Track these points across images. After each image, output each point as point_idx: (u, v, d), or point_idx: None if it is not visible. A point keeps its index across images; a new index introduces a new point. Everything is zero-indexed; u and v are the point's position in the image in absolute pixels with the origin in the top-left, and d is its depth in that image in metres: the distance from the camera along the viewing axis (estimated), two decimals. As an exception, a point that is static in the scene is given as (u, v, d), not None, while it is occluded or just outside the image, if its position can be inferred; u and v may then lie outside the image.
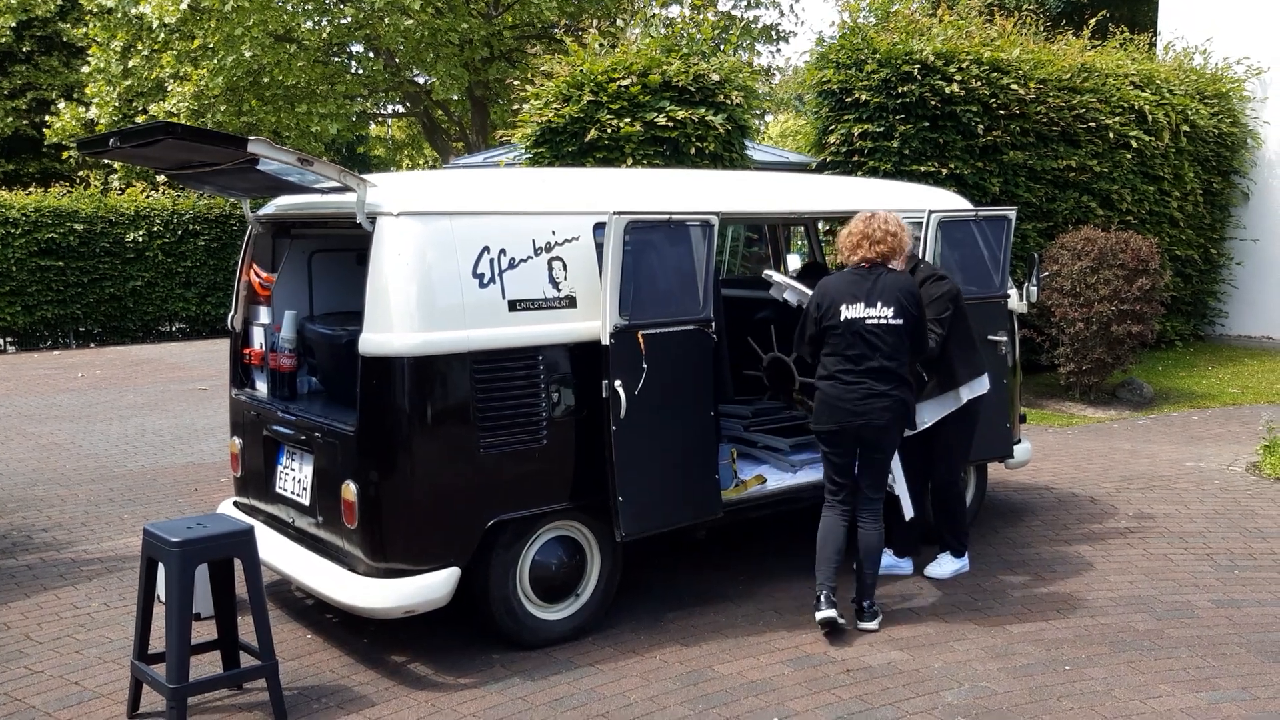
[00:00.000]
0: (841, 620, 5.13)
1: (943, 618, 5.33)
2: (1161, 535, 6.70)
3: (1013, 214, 6.33)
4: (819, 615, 5.09)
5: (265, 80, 20.68)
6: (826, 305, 5.14)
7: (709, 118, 10.09)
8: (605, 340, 4.83)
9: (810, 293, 5.35)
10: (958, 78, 10.97)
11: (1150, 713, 4.33)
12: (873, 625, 5.20)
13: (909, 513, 5.70)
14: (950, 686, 4.58)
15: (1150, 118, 12.79)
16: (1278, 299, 14.57)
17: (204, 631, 4.80)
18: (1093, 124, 12.25)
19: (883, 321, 5.05)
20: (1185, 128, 13.30)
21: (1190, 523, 6.96)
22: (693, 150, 10.04)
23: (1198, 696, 4.47)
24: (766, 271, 6.02)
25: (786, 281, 5.92)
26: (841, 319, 5.08)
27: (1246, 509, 7.26)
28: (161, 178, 17.61)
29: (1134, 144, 12.58)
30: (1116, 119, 12.46)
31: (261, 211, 5.73)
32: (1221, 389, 11.95)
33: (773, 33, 24.66)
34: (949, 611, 5.43)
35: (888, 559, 5.80)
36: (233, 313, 5.87)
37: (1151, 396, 11.31)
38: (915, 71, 10.89)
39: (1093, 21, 14.22)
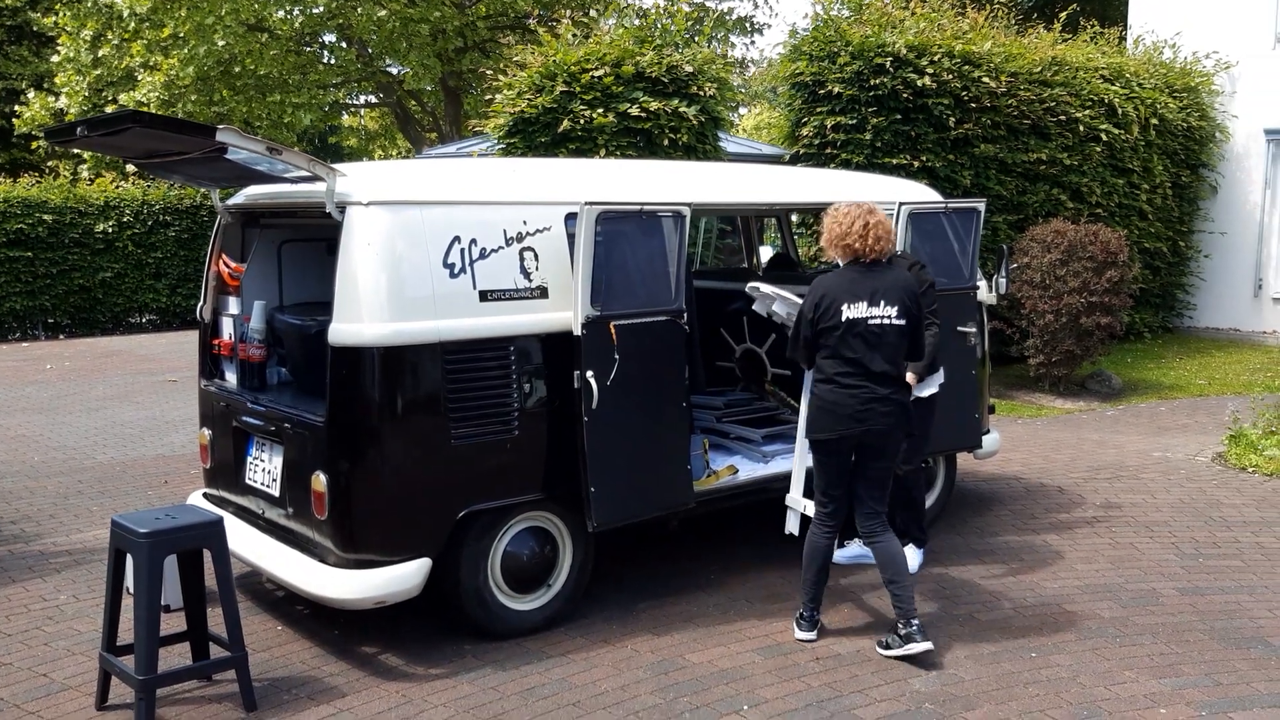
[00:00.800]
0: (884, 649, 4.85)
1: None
2: (1128, 524, 6.78)
3: (982, 206, 6.37)
4: (797, 635, 4.99)
5: (237, 70, 20.52)
6: (825, 305, 4.75)
7: (682, 109, 10.10)
8: (577, 331, 4.83)
9: (799, 302, 5.03)
10: (930, 70, 11.03)
11: (1114, 699, 4.39)
12: (916, 648, 4.71)
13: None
14: (919, 674, 4.63)
15: (1120, 111, 12.91)
16: (1245, 291, 14.74)
17: (173, 623, 4.77)
18: (1063, 117, 12.35)
19: (886, 322, 4.71)
20: (1154, 121, 13.42)
21: (1156, 512, 7.04)
22: (666, 141, 10.05)
23: (1161, 683, 4.53)
24: (751, 285, 5.55)
25: (775, 292, 5.43)
26: (842, 319, 4.71)
27: (1212, 498, 7.35)
28: (131, 168, 17.45)
29: (1104, 137, 12.68)
30: (1087, 112, 12.57)
31: (231, 201, 5.70)
32: (1189, 380, 12.08)
33: (746, 24, 24.69)
34: (918, 600, 5.47)
35: (855, 549, 5.83)
36: (202, 303, 5.84)
37: (1120, 388, 11.42)
38: (887, 64, 10.93)
39: (1063, 15, 14.34)
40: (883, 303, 4.72)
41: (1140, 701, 4.36)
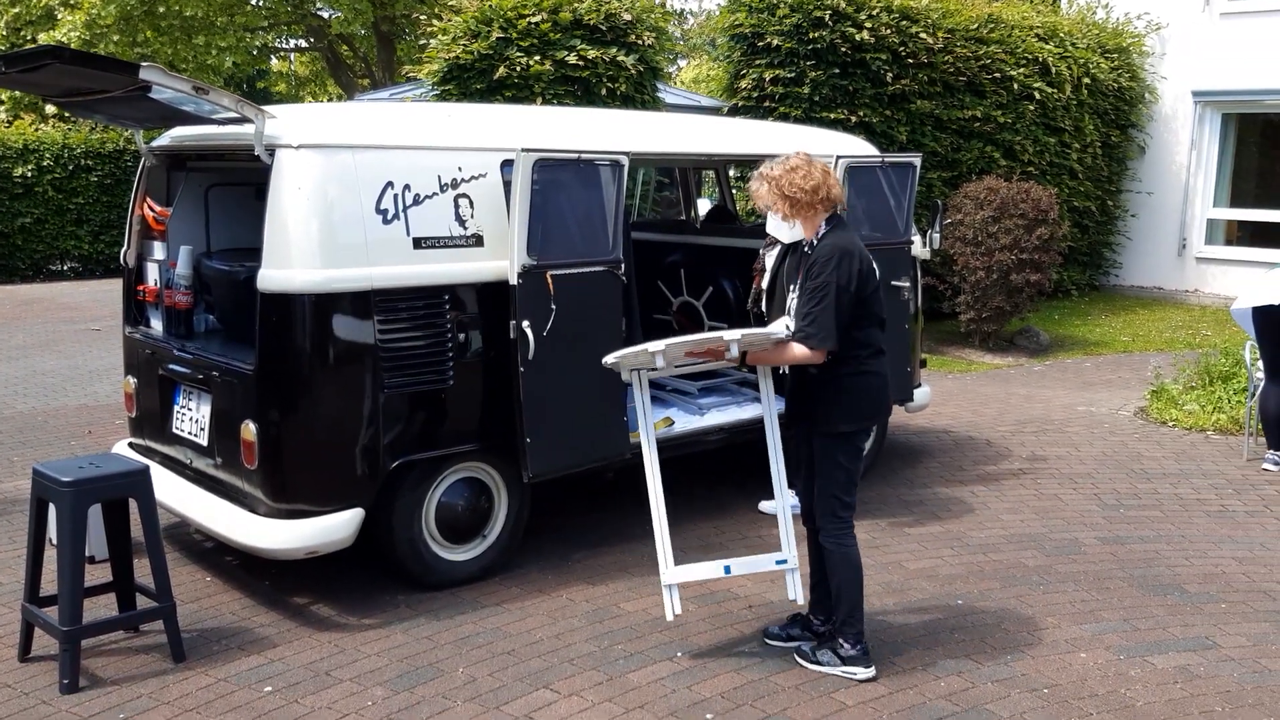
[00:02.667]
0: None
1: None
2: (1053, 476, 6.94)
3: (918, 161, 6.41)
4: (859, 677, 4.21)
5: (161, 10, 19.88)
6: (868, 269, 4.09)
7: (620, 58, 10.00)
8: (513, 280, 4.78)
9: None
10: (868, 25, 11.03)
11: (1037, 644, 4.51)
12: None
13: None
14: (849, 621, 4.70)
15: (1053, 70, 13.05)
16: (1169, 251, 15.07)
17: (98, 575, 4.68)
18: (998, 75, 12.45)
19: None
20: (1086, 81, 13.60)
21: (1080, 464, 7.21)
22: (604, 91, 9.96)
23: (1082, 628, 4.66)
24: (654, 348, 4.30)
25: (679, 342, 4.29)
26: (877, 278, 4.17)
27: (1133, 451, 7.55)
28: (51, 109, 16.87)
29: (1037, 95, 12.82)
30: (1021, 70, 12.68)
31: (155, 143, 5.53)
32: (1114, 337, 12.35)
33: (686, -25, 24.45)
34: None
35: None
36: (126, 248, 5.68)
37: (1047, 344, 11.64)
38: (826, 17, 10.91)
39: (1000, -27, 14.38)
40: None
41: (1062, 646, 4.48)
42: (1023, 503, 6.39)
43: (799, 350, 4.07)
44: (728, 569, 4.46)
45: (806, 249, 4.17)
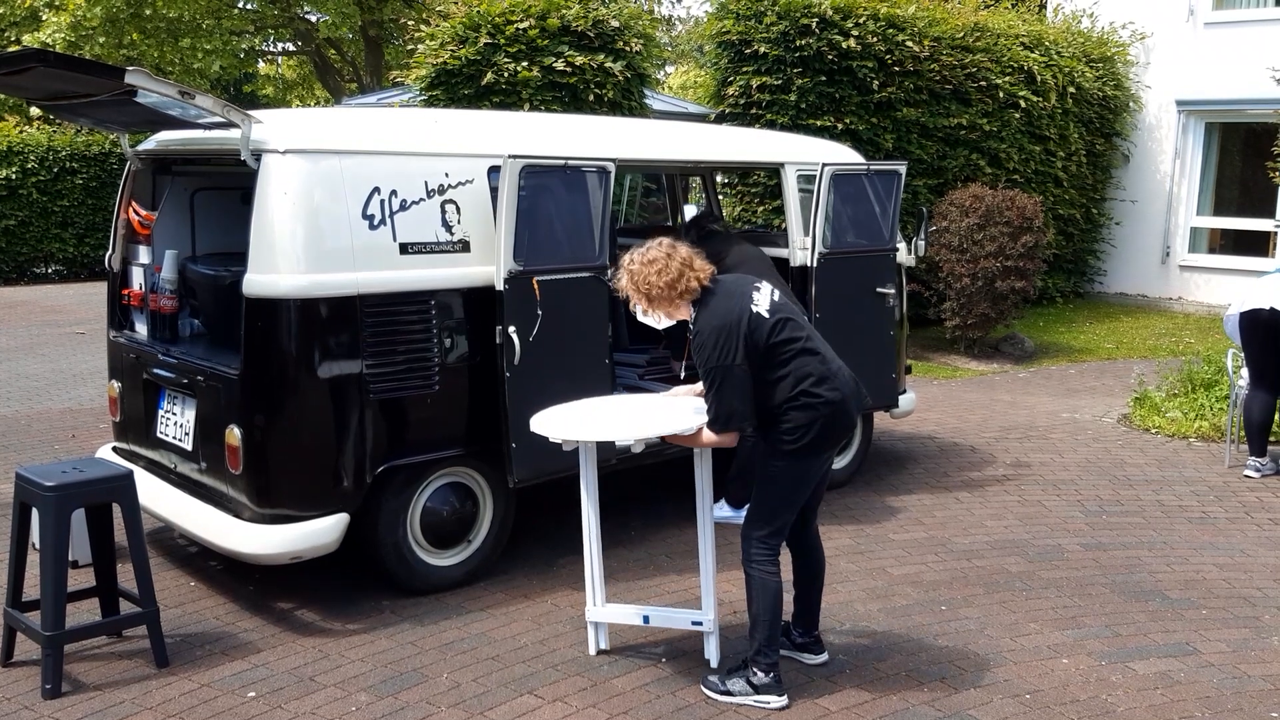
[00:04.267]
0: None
1: (826, 561, 5.45)
2: (1036, 482, 6.97)
3: (903, 168, 6.44)
4: (774, 706, 4.06)
5: (147, 12, 19.83)
6: (756, 322, 3.97)
7: (608, 64, 10.01)
8: (499, 286, 4.79)
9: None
10: (854, 33, 11.08)
11: (1020, 649, 4.53)
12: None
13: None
14: (833, 626, 4.72)
15: (1039, 79, 13.12)
16: (1153, 258, 15.16)
17: (82, 580, 4.67)
18: (984, 83, 12.51)
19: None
20: (1071, 89, 13.68)
21: (1064, 471, 7.25)
22: (591, 97, 9.97)
23: (1064, 634, 4.68)
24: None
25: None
26: (774, 318, 4.05)
27: (1116, 458, 7.59)
28: (36, 111, 16.80)
29: (1022, 104, 12.89)
30: (1006, 79, 12.75)
31: (141, 146, 5.53)
32: (1098, 344, 12.42)
33: (674, -18, 24.53)
34: (832, 555, 5.56)
35: (727, 510, 5.84)
36: (111, 251, 5.67)
37: (1032, 350, 11.70)
38: (813, 25, 10.96)
39: (986, -19, 14.47)
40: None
41: (1044, 652, 4.51)
42: (1006, 509, 6.42)
43: (709, 436, 4.00)
44: (646, 619, 4.41)
45: (690, 332, 4.07)
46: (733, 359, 3.88)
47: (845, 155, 6.80)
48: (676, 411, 4.23)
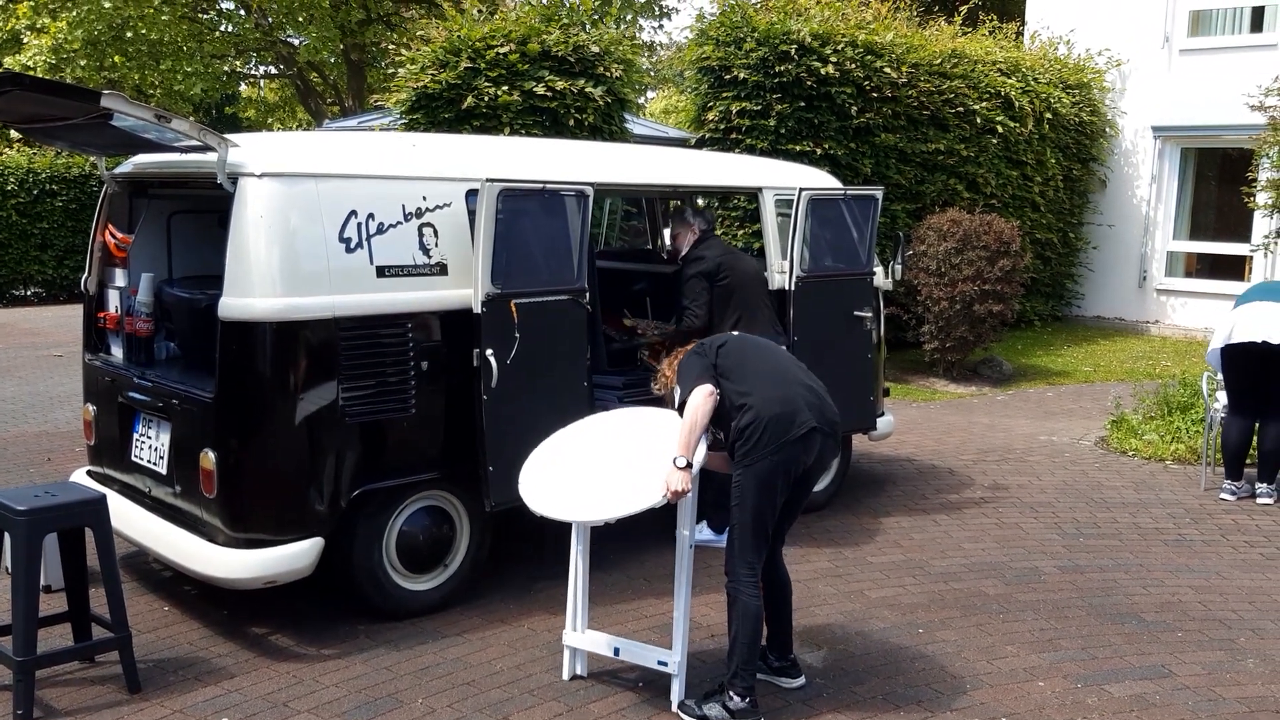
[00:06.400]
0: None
1: (804, 583, 5.47)
2: (1014, 505, 7.00)
3: (880, 194, 6.49)
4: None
5: (129, 35, 19.81)
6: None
7: (588, 89, 10.06)
8: (477, 309, 4.79)
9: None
10: (833, 59, 11.16)
11: (996, 672, 4.53)
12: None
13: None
14: (810, 649, 4.71)
15: (1016, 104, 13.24)
16: (1130, 282, 15.28)
17: (54, 604, 4.62)
18: (961, 109, 12.62)
19: None
20: (1048, 115, 13.81)
21: (1041, 493, 7.28)
22: (571, 122, 10.01)
23: (1041, 656, 4.69)
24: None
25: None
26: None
27: (1094, 480, 7.62)
28: (16, 134, 16.74)
29: (1000, 129, 13.00)
30: (984, 105, 12.86)
31: (118, 170, 5.52)
32: (1075, 367, 12.49)
33: (655, 7, 24.69)
34: (810, 578, 5.58)
35: (708, 532, 5.82)
36: (87, 274, 5.65)
37: (1010, 373, 11.76)
38: (792, 51, 11.03)
39: (964, 9, 14.67)
40: None
41: (1020, 675, 4.51)
42: (984, 531, 6.44)
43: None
44: (617, 650, 4.39)
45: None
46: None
47: (823, 180, 6.85)
48: (658, 474, 4.15)
